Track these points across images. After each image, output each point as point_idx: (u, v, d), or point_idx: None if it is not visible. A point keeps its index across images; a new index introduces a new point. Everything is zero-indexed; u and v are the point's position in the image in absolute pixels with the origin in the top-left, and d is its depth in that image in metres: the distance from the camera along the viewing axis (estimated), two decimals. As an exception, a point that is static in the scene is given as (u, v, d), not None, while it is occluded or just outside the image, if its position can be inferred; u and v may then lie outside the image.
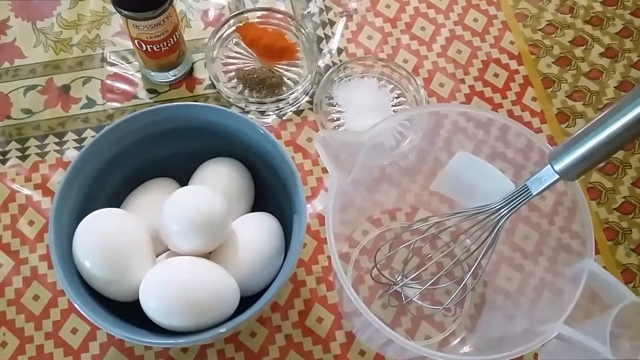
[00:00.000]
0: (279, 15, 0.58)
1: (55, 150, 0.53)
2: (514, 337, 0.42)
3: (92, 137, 0.46)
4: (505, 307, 0.48)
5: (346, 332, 0.48)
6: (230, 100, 0.55)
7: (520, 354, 0.35)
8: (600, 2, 0.62)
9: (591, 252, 0.38)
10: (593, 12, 0.61)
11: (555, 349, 0.46)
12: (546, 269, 0.45)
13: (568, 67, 0.59)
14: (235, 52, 0.58)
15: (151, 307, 0.39)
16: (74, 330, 0.47)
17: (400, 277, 0.48)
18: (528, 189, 0.38)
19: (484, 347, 0.48)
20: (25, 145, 0.53)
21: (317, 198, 0.53)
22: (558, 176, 0.37)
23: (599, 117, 0.35)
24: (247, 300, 0.41)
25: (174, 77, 0.56)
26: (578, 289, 0.37)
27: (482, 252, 0.42)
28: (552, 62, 0.59)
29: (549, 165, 0.37)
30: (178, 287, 0.38)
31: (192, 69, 0.57)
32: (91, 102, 0.55)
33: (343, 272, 0.36)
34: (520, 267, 0.47)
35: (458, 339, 0.48)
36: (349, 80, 0.56)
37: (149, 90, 0.56)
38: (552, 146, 0.39)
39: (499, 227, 0.40)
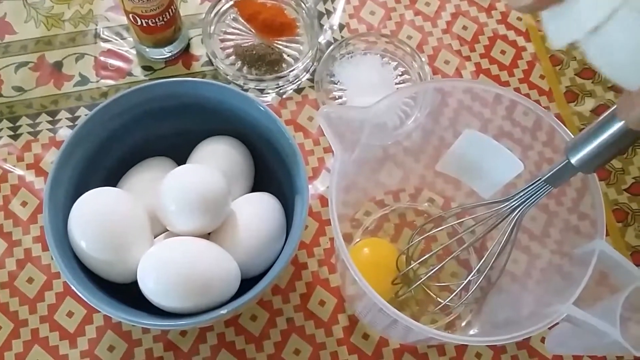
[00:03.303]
0: (279, -10, 0.57)
1: (48, 129, 0.52)
2: (521, 320, 0.41)
3: (86, 115, 0.45)
4: (511, 289, 0.46)
5: (349, 315, 0.47)
6: (228, 77, 0.54)
7: (529, 335, 0.35)
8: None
9: (602, 232, 0.37)
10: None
11: (563, 333, 0.45)
12: (553, 251, 0.44)
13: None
14: (233, 28, 0.56)
15: (149, 287, 0.37)
16: (70, 314, 0.46)
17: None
18: (547, 186, 0.37)
19: (491, 330, 0.47)
20: (17, 124, 0.52)
21: (318, 179, 0.51)
22: (577, 169, 0.35)
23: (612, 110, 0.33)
24: (247, 283, 0.40)
25: (170, 54, 0.54)
26: (588, 270, 0.36)
27: (499, 248, 0.40)
28: (560, 39, 0.57)
29: (567, 160, 0.35)
30: (177, 267, 0.37)
31: (188, 46, 0.55)
32: (84, 80, 0.54)
33: (347, 253, 0.35)
34: (527, 249, 0.46)
35: (464, 322, 0.47)
36: (351, 57, 0.55)
37: (144, 67, 0.54)
38: (560, 121, 0.38)
39: (516, 224, 0.39)
